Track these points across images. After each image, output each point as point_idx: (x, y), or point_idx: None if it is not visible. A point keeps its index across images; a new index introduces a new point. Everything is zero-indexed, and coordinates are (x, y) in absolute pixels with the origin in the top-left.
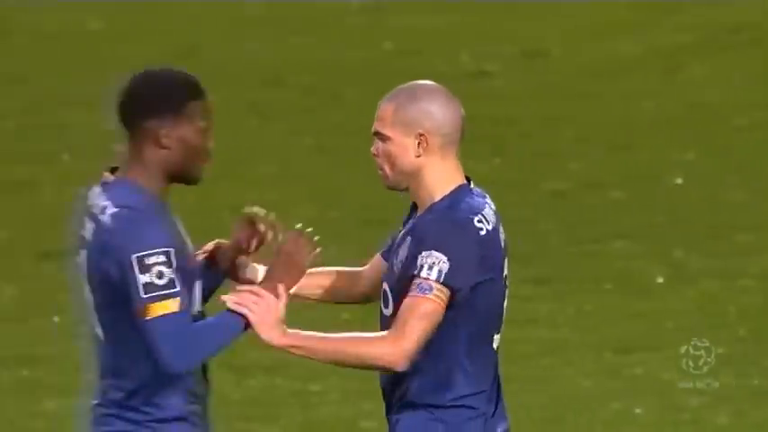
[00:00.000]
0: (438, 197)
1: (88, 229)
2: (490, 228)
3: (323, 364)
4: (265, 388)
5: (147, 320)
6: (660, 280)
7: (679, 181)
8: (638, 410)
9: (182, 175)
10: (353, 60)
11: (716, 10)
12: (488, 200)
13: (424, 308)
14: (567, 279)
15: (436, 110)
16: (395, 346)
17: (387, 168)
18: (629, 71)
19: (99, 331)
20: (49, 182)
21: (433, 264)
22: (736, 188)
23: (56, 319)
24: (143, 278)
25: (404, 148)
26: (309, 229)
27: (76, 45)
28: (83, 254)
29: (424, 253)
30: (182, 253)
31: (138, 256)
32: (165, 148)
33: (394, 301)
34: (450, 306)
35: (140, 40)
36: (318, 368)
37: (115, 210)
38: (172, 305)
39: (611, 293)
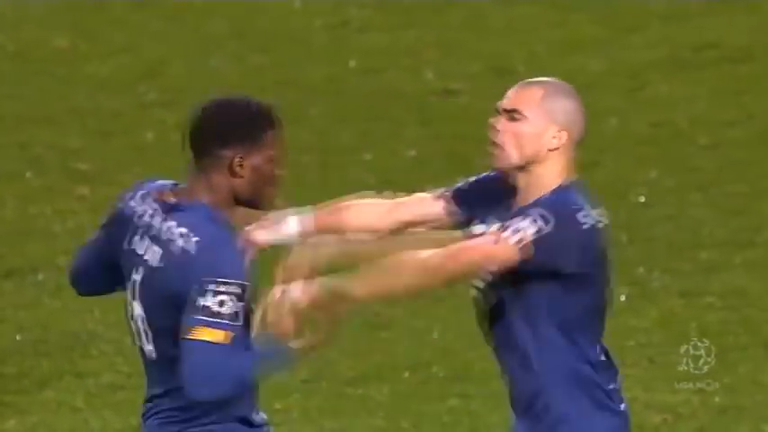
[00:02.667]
0: (548, 190)
1: (153, 252)
2: (593, 223)
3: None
4: None
5: (187, 340)
6: (622, 298)
7: (642, 199)
8: None
9: (251, 202)
10: (317, 78)
11: (681, 28)
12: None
13: (502, 245)
14: None
15: (578, 111)
16: (497, 242)
17: (510, 146)
18: (594, 88)
19: (152, 351)
20: (11, 200)
21: (536, 218)
22: (699, 206)
23: (18, 337)
24: (206, 301)
25: (538, 135)
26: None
27: (40, 63)
28: (141, 273)
29: (530, 209)
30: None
31: (215, 281)
32: (238, 176)
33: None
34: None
35: (104, 57)
36: (280, 386)
37: (197, 238)
38: (218, 335)
39: None
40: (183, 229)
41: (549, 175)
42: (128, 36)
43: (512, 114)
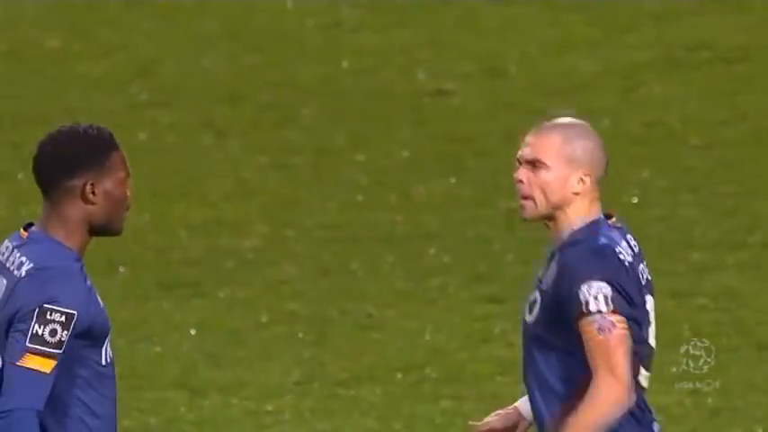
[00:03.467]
0: (577, 228)
1: (1, 284)
2: (630, 259)
3: None
4: (219, 408)
5: (16, 365)
6: None
7: (635, 199)
8: None
9: (106, 229)
10: (310, 78)
11: (673, 28)
12: (629, 236)
13: (615, 343)
14: (523, 298)
15: (597, 151)
16: (611, 385)
17: (538, 197)
18: (587, 89)
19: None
20: (3, 200)
21: (597, 294)
22: (691, 207)
23: None
24: (38, 328)
25: (563, 182)
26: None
27: (33, 63)
28: None
29: (583, 286)
30: (98, 315)
31: (40, 308)
32: (90, 203)
33: (541, 310)
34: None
35: (97, 57)
36: (272, 387)
37: (31, 265)
38: (47, 365)
39: None
40: (23, 258)
41: (575, 216)
42: (120, 36)
43: (534, 164)
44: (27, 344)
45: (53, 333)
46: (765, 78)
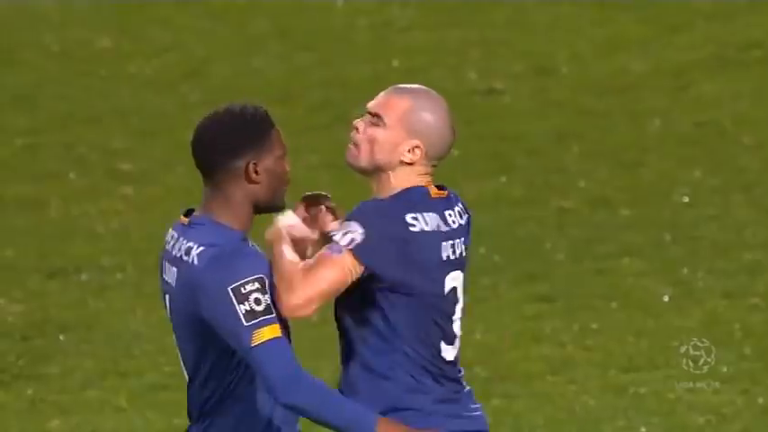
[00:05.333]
0: (394, 191)
1: (172, 274)
2: (427, 229)
3: None
4: None
5: (252, 348)
6: (666, 298)
7: (686, 199)
8: (643, 429)
9: (270, 205)
10: (361, 77)
11: (725, 27)
12: (456, 208)
13: (331, 262)
14: (573, 297)
15: (441, 129)
16: (294, 294)
17: (363, 148)
18: (638, 88)
19: (186, 373)
20: (55, 200)
21: (347, 232)
22: (743, 206)
23: (61, 337)
24: (244, 306)
25: (393, 145)
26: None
27: (84, 63)
28: (168, 299)
29: (343, 223)
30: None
31: (232, 290)
32: (254, 182)
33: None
34: (378, 302)
35: (148, 57)
36: None
37: (201, 248)
38: (276, 330)
39: (617, 311)
40: (190, 243)
41: (397, 185)
42: (171, 36)
43: (376, 119)
44: (246, 324)
45: (257, 302)
46: None
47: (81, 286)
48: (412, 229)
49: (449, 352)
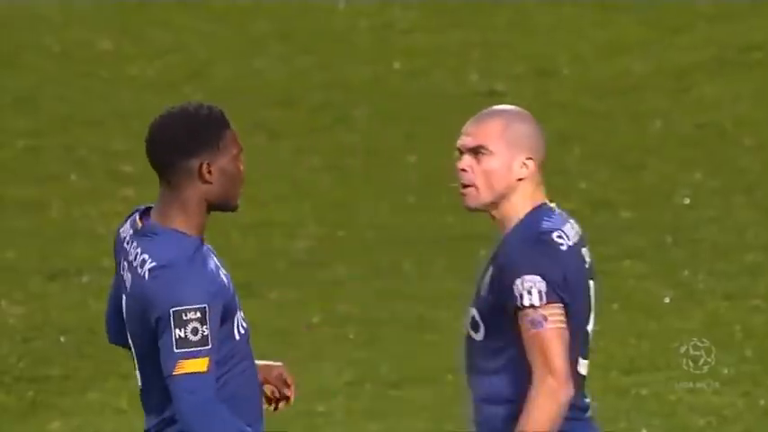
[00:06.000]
0: (521, 216)
1: (128, 277)
2: (570, 243)
3: None
4: (270, 408)
5: (173, 376)
6: (667, 300)
7: (687, 201)
8: (644, 431)
9: (223, 205)
10: (362, 79)
11: (726, 29)
12: (571, 220)
13: (548, 337)
14: None
15: (538, 135)
16: (549, 385)
17: (481, 185)
18: (639, 90)
19: (139, 379)
20: (56, 202)
21: (531, 288)
22: (744, 208)
23: (62, 339)
24: (179, 332)
25: (507, 167)
26: None
27: (85, 65)
28: (125, 299)
29: (517, 281)
30: (225, 291)
31: (174, 312)
32: (207, 183)
33: (485, 325)
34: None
35: (149, 59)
36: (324, 388)
37: (154, 264)
38: (201, 365)
39: (618, 313)
40: (145, 256)
41: (521, 203)
42: (173, 37)
43: (477, 151)
44: (174, 351)
45: (194, 332)
46: None
47: (82, 288)
48: (562, 248)
49: (583, 367)
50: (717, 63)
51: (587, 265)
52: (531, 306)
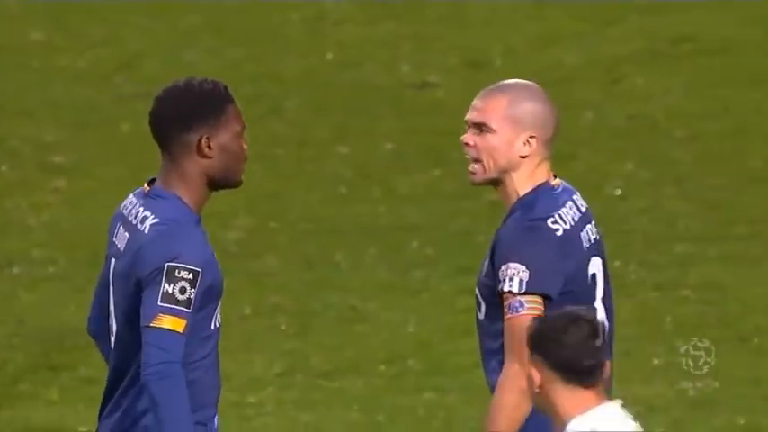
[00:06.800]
0: (521, 195)
1: (123, 237)
2: (567, 227)
3: None
4: None
5: (150, 326)
6: None
7: (618, 192)
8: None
9: (224, 182)
10: (294, 71)
11: (657, 21)
12: (575, 196)
13: (521, 323)
14: None
15: (545, 112)
16: (515, 371)
17: (485, 160)
18: (571, 82)
19: (113, 339)
20: None
21: (513, 275)
22: (674, 199)
23: None
24: (166, 286)
25: (509, 145)
26: None
27: (17, 56)
28: (113, 261)
29: (503, 266)
30: (218, 273)
31: (168, 266)
32: (206, 157)
33: (485, 304)
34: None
35: (81, 51)
36: (255, 379)
37: (156, 221)
38: (179, 324)
39: None
40: (147, 213)
41: (522, 181)
42: (104, 29)
43: (480, 128)
44: (159, 303)
45: (182, 291)
46: (748, 71)
47: (12, 279)
48: (558, 233)
49: None
50: (648, 55)
51: (589, 245)
52: (510, 292)
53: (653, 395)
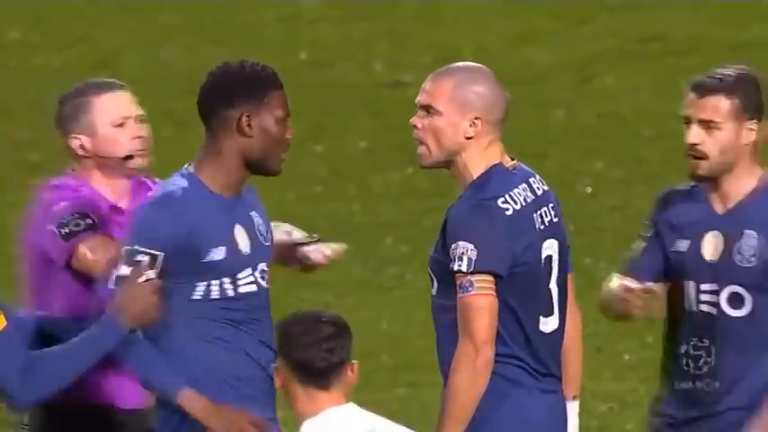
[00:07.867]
0: (474, 176)
1: None
2: (518, 207)
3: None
4: None
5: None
6: None
7: (589, 190)
8: None
9: (262, 166)
10: None
11: (627, 20)
12: (532, 179)
13: (475, 305)
14: None
15: (492, 94)
16: (467, 350)
17: (430, 143)
18: (542, 80)
19: None
20: None
21: (462, 254)
22: (644, 197)
23: None
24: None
25: (454, 127)
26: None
27: None
28: None
29: (453, 245)
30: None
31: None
32: (246, 136)
33: (437, 281)
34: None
35: (57, 49)
36: None
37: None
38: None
39: None
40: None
41: (473, 162)
42: (81, 28)
43: (429, 110)
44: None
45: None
46: None
47: None
48: (507, 213)
49: (547, 324)
50: (618, 54)
51: (543, 227)
52: (461, 271)
53: (624, 391)
